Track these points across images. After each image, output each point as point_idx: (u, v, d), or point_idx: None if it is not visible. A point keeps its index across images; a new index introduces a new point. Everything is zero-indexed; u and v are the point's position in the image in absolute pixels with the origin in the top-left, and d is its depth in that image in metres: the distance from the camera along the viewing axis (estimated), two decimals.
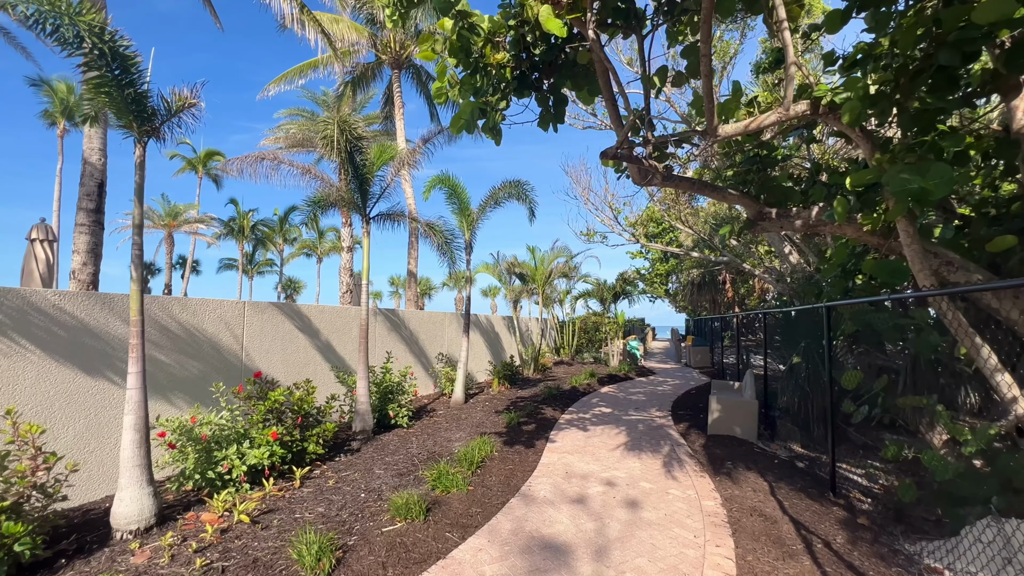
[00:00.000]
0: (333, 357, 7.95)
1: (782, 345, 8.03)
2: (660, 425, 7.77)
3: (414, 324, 10.67)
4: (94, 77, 3.76)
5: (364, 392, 6.57)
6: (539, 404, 9.34)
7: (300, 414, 5.48)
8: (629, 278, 19.43)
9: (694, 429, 7.35)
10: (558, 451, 6.22)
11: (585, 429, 7.46)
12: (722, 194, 5.13)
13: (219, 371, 5.99)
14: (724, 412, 6.73)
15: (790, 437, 6.72)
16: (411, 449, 6.22)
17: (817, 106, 3.62)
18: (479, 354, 13.73)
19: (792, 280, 10.17)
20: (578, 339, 20.09)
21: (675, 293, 30.22)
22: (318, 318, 7.74)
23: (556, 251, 14.16)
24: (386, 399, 7.48)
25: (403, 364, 9.74)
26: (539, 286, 14.28)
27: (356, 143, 6.04)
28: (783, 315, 8.07)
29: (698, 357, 17.63)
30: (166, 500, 4.45)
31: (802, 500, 4.45)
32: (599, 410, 9.03)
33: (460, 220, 9.95)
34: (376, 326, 9.27)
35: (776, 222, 5.10)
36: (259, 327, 6.62)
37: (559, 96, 4.73)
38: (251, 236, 33.75)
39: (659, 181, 4.87)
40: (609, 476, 5.22)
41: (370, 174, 6.54)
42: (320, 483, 4.99)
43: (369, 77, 15.46)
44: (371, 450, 6.18)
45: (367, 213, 6.85)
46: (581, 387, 11.67)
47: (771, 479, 5.06)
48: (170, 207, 26.19)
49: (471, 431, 7.19)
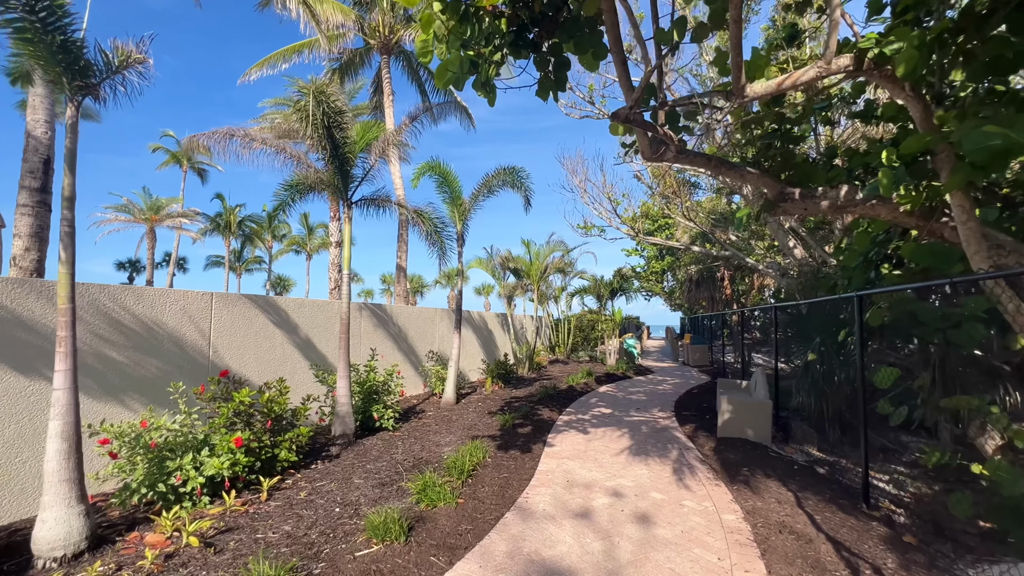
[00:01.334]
0: (314, 355, 7.37)
1: (795, 342, 7.57)
2: (665, 427, 7.27)
3: (403, 320, 10.10)
4: (15, 20, 3.18)
5: (345, 393, 6.01)
6: (535, 405, 8.81)
7: (270, 417, 4.92)
8: (626, 274, 18.96)
9: (702, 431, 6.85)
10: (557, 456, 5.70)
11: (585, 432, 6.94)
12: (740, 173, 4.63)
13: (182, 370, 5.40)
14: (735, 413, 6.24)
15: (806, 440, 6.24)
16: (396, 455, 5.66)
17: (861, 60, 3.12)
18: (472, 352, 13.18)
19: (800, 275, 9.72)
20: (573, 337, 19.59)
21: (671, 291, 29.85)
22: (297, 312, 7.16)
23: (552, 245, 13.65)
24: (370, 400, 6.92)
25: (390, 362, 9.17)
26: (534, 282, 13.74)
27: (335, 117, 5.46)
28: (795, 310, 7.60)
29: (696, 355, 17.21)
30: (110, 518, 3.87)
31: (834, 513, 3.95)
32: (599, 411, 8.52)
33: (451, 210, 9.39)
34: (361, 322, 8.69)
35: (799, 203, 4.60)
36: (229, 321, 6.03)
37: (560, 59, 4.19)
38: (238, 232, 32.90)
39: (672, 155, 4.35)
40: (615, 485, 4.70)
41: (351, 153, 5.97)
42: (291, 495, 4.42)
43: (357, 64, 14.83)
44: (352, 456, 5.62)
45: (348, 197, 6.28)
46: (578, 386, 11.16)
47: (794, 488, 4.56)
48: (152, 200, 25.34)
49: (462, 434, 6.65)
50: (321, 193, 6.52)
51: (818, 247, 10.30)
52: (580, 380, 11.80)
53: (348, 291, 6.18)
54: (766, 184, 4.68)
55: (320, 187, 6.36)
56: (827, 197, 4.50)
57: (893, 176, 3.27)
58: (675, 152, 4.24)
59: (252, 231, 36.25)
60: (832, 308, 6.89)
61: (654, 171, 14.46)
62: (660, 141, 4.36)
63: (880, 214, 4.30)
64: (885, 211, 4.27)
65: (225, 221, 30.60)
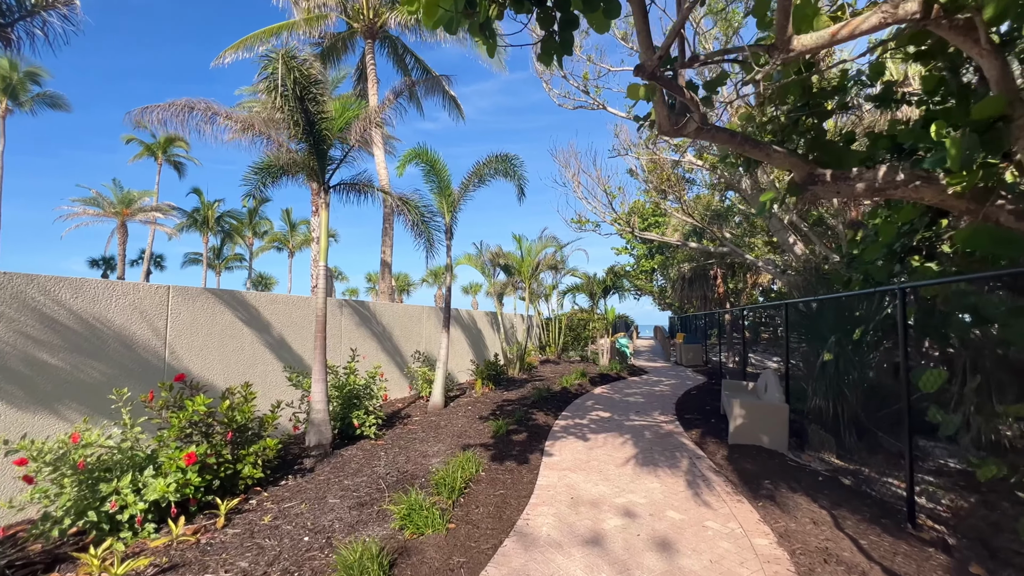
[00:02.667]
0: (288, 356, 6.72)
1: (807, 341, 7.14)
2: (669, 432, 6.78)
3: (387, 318, 9.46)
4: None
5: (320, 398, 5.38)
6: (529, 408, 8.26)
7: (231, 428, 4.28)
8: (619, 272, 18.51)
9: (710, 437, 6.37)
10: (557, 467, 5.15)
11: (585, 438, 6.41)
12: (765, 151, 4.13)
13: (131, 374, 4.73)
14: (749, 418, 5.76)
15: (823, 446, 5.80)
16: (377, 468, 5.06)
17: (931, 6, 2.64)
18: (460, 352, 12.59)
19: (804, 271, 9.34)
20: (564, 337, 19.10)
21: (662, 290, 29.56)
22: (269, 309, 6.50)
23: (544, 241, 13.11)
24: (350, 405, 6.29)
25: (373, 363, 8.53)
26: (525, 279, 13.20)
27: (309, 88, 4.84)
28: (806, 308, 7.17)
29: (690, 355, 16.84)
30: (29, 553, 3.21)
31: (880, 537, 3.47)
32: (597, 414, 8.01)
33: (439, 201, 8.79)
34: (342, 320, 8.05)
35: (831, 186, 4.12)
36: (189, 319, 5.36)
37: (568, 16, 3.64)
38: (217, 228, 31.73)
39: (694, 128, 3.83)
40: (625, 503, 4.16)
41: (328, 131, 5.35)
42: (253, 520, 3.80)
43: (340, 49, 14.10)
44: (328, 470, 5.00)
45: (326, 180, 5.65)
46: (572, 388, 10.65)
47: (826, 504, 4.08)
48: (123, 194, 24.14)
49: (452, 443, 6.06)
50: (295, 177, 5.88)
51: (820, 243, 9.95)
52: (574, 381, 11.29)
53: (325, 285, 5.56)
54: (793, 165, 4.19)
55: (294, 170, 5.72)
56: (863, 179, 4.02)
57: (963, 145, 2.78)
58: (698, 123, 3.72)
59: (232, 227, 35.09)
60: (848, 305, 6.47)
61: (649, 166, 14.04)
62: (681, 111, 3.84)
63: (924, 197, 3.84)
64: (930, 193, 3.80)
65: (203, 216, 29.44)
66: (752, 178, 11.47)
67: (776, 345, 18.64)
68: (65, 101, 25.65)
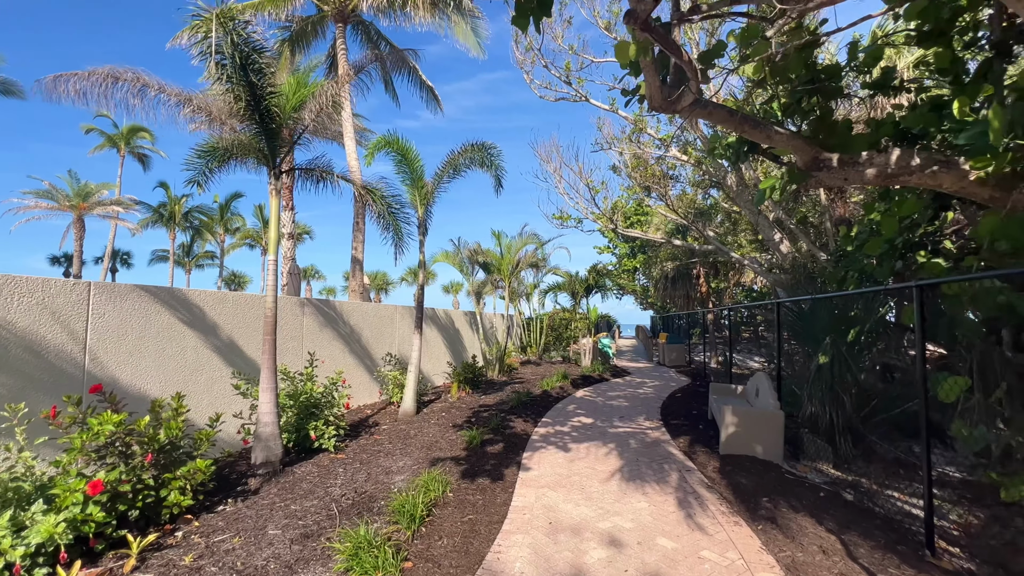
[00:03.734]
0: (240, 361, 6.07)
1: (799, 342, 6.79)
2: (656, 440, 6.34)
3: (356, 319, 8.84)
4: None
5: (268, 409, 4.77)
6: (506, 414, 7.74)
7: (152, 449, 3.65)
8: (602, 270, 18.14)
9: (699, 446, 5.95)
10: (535, 484, 4.65)
11: (566, 448, 5.92)
12: (766, 133, 3.70)
13: (40, 386, 4.05)
14: (742, 426, 5.35)
15: (819, 455, 5.42)
16: (332, 488, 4.47)
17: None
18: (436, 354, 12.01)
19: (793, 269, 9.04)
20: (546, 337, 18.65)
21: (644, 289, 29.39)
22: (217, 309, 5.84)
23: (525, 238, 12.61)
24: (307, 415, 5.69)
25: (340, 367, 7.90)
26: (505, 277, 12.67)
27: (251, 56, 4.23)
28: (797, 307, 6.82)
29: (673, 355, 16.55)
30: None
31: (900, 569, 3.05)
32: (578, 420, 7.54)
33: (412, 193, 8.21)
34: (304, 321, 7.41)
35: (838, 172, 3.71)
36: (116, 321, 4.69)
37: None
38: (185, 224, 30.36)
39: (688, 102, 3.37)
40: (611, 528, 3.68)
41: (278, 108, 4.73)
42: (172, 559, 3.20)
43: (310, 35, 13.35)
44: (274, 491, 4.40)
45: (276, 164, 5.04)
46: (554, 391, 10.17)
47: (832, 526, 3.66)
48: (80, 186, 22.75)
49: (420, 456, 5.51)
50: (244, 161, 5.24)
51: (808, 241, 9.68)
52: (555, 384, 10.83)
53: (275, 282, 4.95)
54: (796, 148, 3.77)
55: (242, 152, 5.09)
56: (873, 164, 3.62)
57: (1008, 116, 2.36)
58: (694, 94, 3.25)
59: (202, 224, 33.73)
60: (844, 305, 6.13)
61: (633, 162, 13.66)
62: (675, 83, 3.37)
63: (942, 183, 3.44)
64: (950, 179, 3.41)
65: (169, 212, 28.10)
66: (738, 174, 11.16)
67: (758, 344, 18.52)
68: (18, 87, 24.08)
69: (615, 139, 12.29)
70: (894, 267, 5.00)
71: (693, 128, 11.51)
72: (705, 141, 11.12)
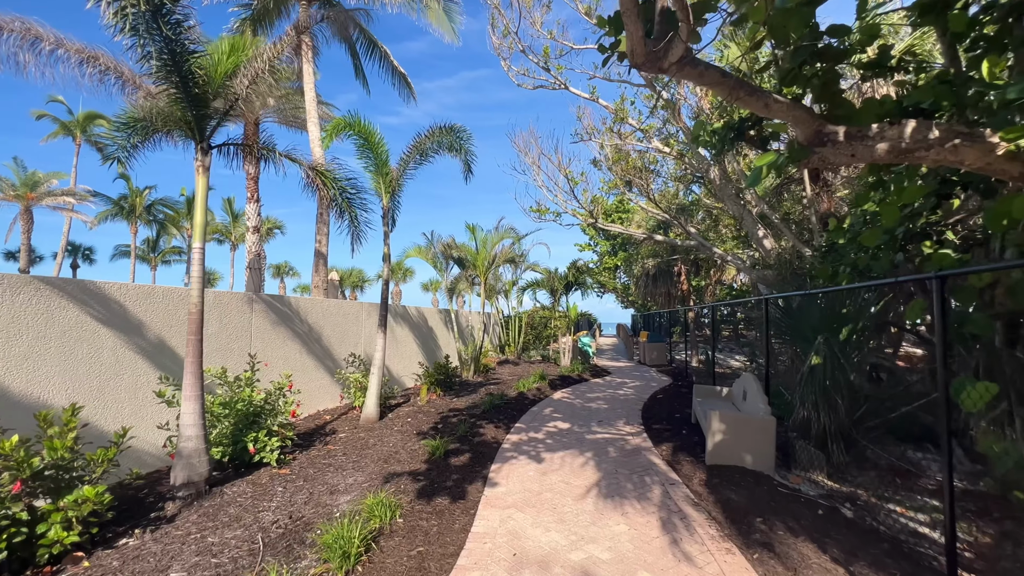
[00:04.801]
0: (172, 364, 5.36)
1: (788, 341, 6.40)
2: (636, 447, 5.85)
3: (316, 316, 8.15)
4: None
5: (192, 421, 4.11)
6: (477, 419, 7.18)
7: (23, 475, 2.98)
8: (582, 267, 17.69)
9: (683, 454, 5.48)
10: (501, 504, 4.09)
11: (539, 459, 5.38)
12: (763, 101, 3.21)
13: None
14: (729, 434, 4.89)
15: (812, 464, 5.00)
16: (264, 514, 3.84)
17: None
18: (407, 354, 11.36)
19: (779, 265, 8.69)
20: (525, 335, 18.14)
21: (625, 287, 29.14)
22: (142, 304, 5.13)
23: (501, 232, 12.04)
24: (248, 425, 5.03)
25: (295, 369, 7.24)
26: (481, 273, 12.08)
27: (166, 4, 3.56)
28: (786, 304, 6.41)
29: (654, 354, 16.19)
30: None
31: None
32: (554, 425, 7.01)
33: (376, 180, 7.58)
34: (252, 319, 6.70)
35: (844, 147, 3.24)
36: (7, 318, 3.97)
37: None
38: (148, 218, 28.88)
39: (676, 58, 2.85)
40: (584, 561, 3.15)
41: (205, 71, 4.07)
42: None
43: (273, 14, 12.50)
44: (193, 519, 3.74)
45: (205, 138, 4.36)
46: (530, 393, 9.64)
47: (838, 553, 3.20)
48: (27, 175, 21.26)
49: (375, 470, 4.90)
50: (170, 134, 4.54)
51: (793, 236, 9.36)
52: (532, 385, 10.29)
53: (201, 274, 4.28)
54: (797, 119, 3.29)
55: (165, 124, 4.39)
56: (885, 138, 3.15)
57: None
58: (683, 51, 2.73)
59: (167, 218, 32.25)
60: (834, 302, 5.74)
61: (614, 156, 13.22)
62: (660, 34, 2.84)
63: (965, 159, 3.00)
64: (973, 155, 2.97)
65: (130, 204, 26.64)
66: (721, 167, 10.80)
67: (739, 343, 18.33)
68: None
69: (595, 130, 11.81)
70: (893, 260, 4.60)
71: (676, 120, 11.11)
72: (688, 133, 10.73)
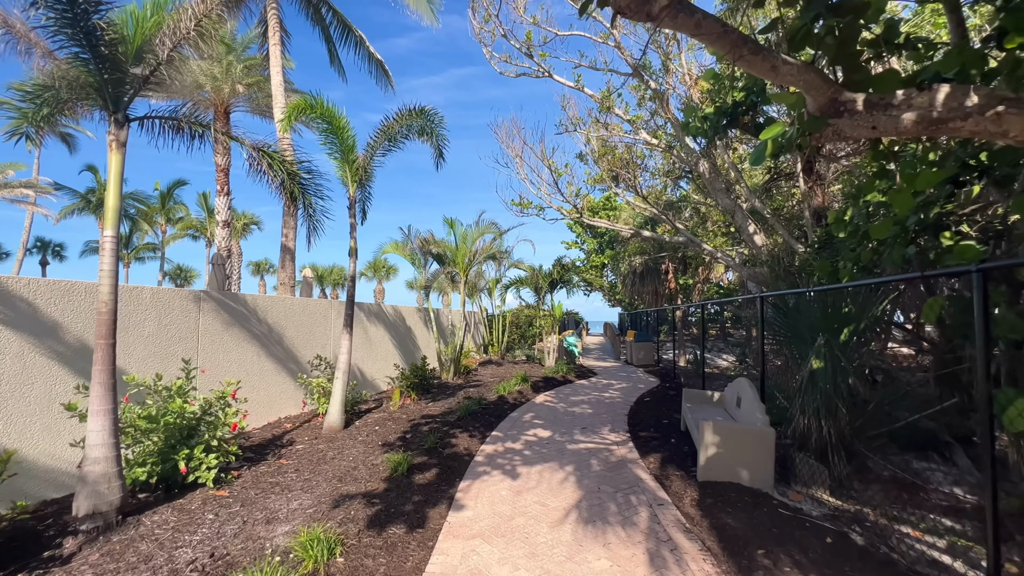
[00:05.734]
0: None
1: (783, 342, 5.95)
2: (622, 459, 5.35)
3: (276, 316, 7.51)
4: None
5: (102, 440, 3.49)
6: (451, 428, 6.62)
7: None
8: (567, 265, 17.19)
9: (673, 467, 4.99)
10: (465, 533, 3.54)
11: (514, 474, 4.85)
12: (770, 63, 2.70)
13: None
14: (724, 447, 4.40)
15: (814, 479, 4.53)
16: (182, 551, 3.24)
17: None
18: (382, 355, 10.75)
19: (772, 260, 8.26)
20: (509, 335, 17.60)
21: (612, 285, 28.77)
22: (60, 303, 4.47)
23: (482, 227, 11.47)
24: (182, 440, 4.40)
25: (251, 374, 6.62)
26: (461, 269, 11.50)
27: None
28: (781, 303, 5.96)
29: (641, 354, 15.78)
30: None
31: None
32: (534, 434, 6.48)
33: (342, 167, 6.97)
34: (200, 319, 6.06)
35: (863, 118, 2.74)
36: None
37: None
38: None
39: (666, 5, 2.33)
40: None
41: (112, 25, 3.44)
42: None
43: None
44: (94, 559, 3.13)
45: (119, 108, 3.72)
46: (511, 397, 9.10)
47: None
48: None
49: (326, 491, 4.32)
50: (81, 104, 3.90)
51: (786, 232, 8.95)
52: (513, 388, 9.76)
53: (113, 265, 3.66)
54: (810, 85, 2.78)
55: (75, 92, 3.75)
56: (912, 106, 2.66)
57: None
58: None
59: (140, 212, 31.03)
60: (835, 300, 5.31)
61: (601, 150, 12.72)
62: None
63: (1010, 130, 2.52)
64: (1020, 125, 2.49)
65: (98, 198, 25.44)
66: (710, 160, 10.37)
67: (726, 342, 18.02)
68: None
69: (581, 121, 11.30)
70: (904, 254, 4.14)
71: (664, 110, 10.64)
72: (677, 125, 10.27)
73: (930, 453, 5.54)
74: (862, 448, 5.15)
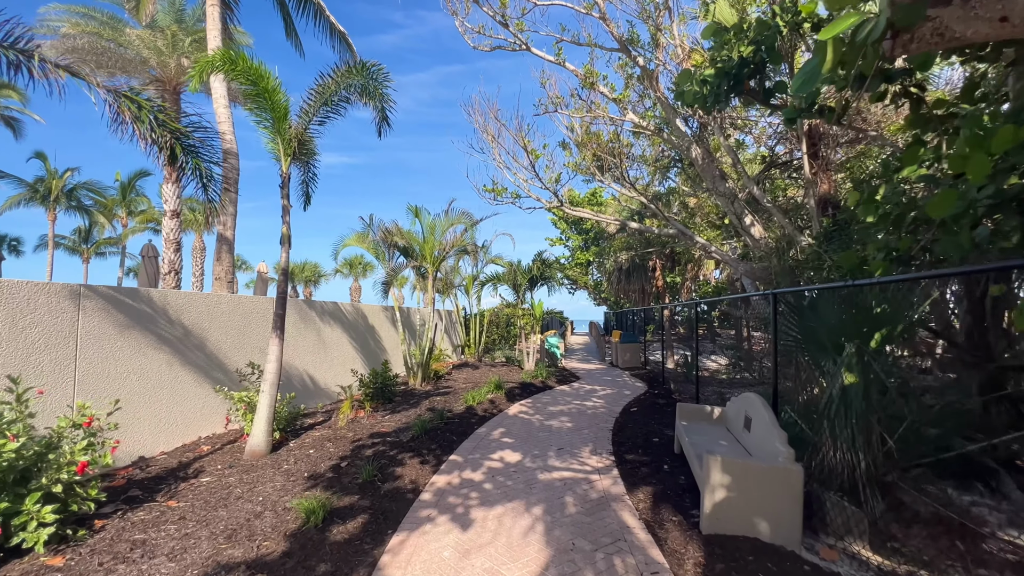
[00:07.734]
0: None
1: (796, 348, 4.95)
2: (604, 495, 4.29)
3: (197, 316, 6.29)
4: None
5: None
6: (400, 450, 5.50)
7: None
8: (549, 260, 16.14)
9: (668, 508, 3.95)
10: None
11: (465, 522, 3.75)
12: None
13: None
14: (736, 490, 3.36)
15: (848, 528, 3.52)
16: None
17: None
18: (338, 360, 9.55)
19: (777, 253, 7.31)
20: (487, 335, 16.50)
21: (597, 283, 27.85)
22: None
23: (452, 217, 10.34)
24: (8, 487, 3.21)
25: (155, 387, 5.42)
26: (430, 263, 10.36)
27: None
28: (796, 302, 4.97)
29: (627, 356, 14.82)
30: None
31: None
32: (500, 457, 5.40)
33: (273, 138, 5.80)
34: (80, 321, 4.83)
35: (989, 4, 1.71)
36: None
37: None
38: (70, 204, 25.81)
39: None
40: None
41: None
42: None
43: None
44: None
45: None
46: (480, 408, 8.01)
47: None
48: None
49: (203, 556, 3.17)
50: None
51: (790, 222, 8.04)
52: (485, 396, 8.67)
53: None
54: None
55: None
56: None
57: None
58: None
59: (98, 204, 29.17)
60: (865, 299, 4.33)
61: (585, 137, 11.69)
62: None
63: None
64: None
65: (46, 188, 23.61)
66: (704, 144, 9.40)
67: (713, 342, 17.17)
68: None
69: (562, 100, 10.22)
70: (973, 237, 3.15)
71: (654, 88, 9.64)
72: (667, 106, 9.27)
73: (971, 482, 4.60)
74: (896, 480, 4.19)
